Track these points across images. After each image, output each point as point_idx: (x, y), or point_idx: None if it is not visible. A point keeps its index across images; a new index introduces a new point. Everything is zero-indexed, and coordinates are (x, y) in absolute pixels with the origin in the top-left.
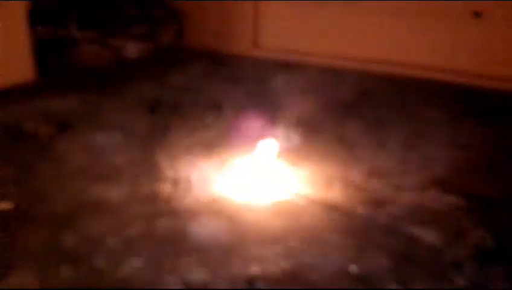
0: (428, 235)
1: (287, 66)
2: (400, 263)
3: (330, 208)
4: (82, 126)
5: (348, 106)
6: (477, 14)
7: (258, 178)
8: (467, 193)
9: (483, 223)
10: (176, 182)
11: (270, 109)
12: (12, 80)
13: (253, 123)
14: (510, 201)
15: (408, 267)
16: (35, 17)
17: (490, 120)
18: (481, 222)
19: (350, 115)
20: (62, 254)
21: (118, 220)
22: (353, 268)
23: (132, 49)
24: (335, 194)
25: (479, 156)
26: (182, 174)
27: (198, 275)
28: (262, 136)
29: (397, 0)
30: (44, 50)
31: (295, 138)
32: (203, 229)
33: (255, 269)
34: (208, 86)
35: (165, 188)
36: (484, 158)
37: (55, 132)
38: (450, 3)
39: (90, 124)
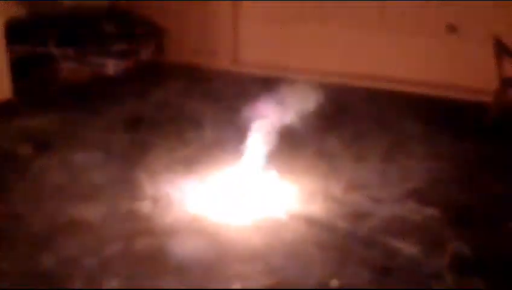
0: (408, 247)
1: (266, 81)
2: (380, 276)
3: (311, 222)
4: (61, 145)
5: (327, 120)
6: (451, 29)
7: (238, 194)
8: (445, 205)
9: (462, 234)
10: (155, 200)
11: (249, 124)
12: None
13: (232, 137)
14: (488, 212)
15: (388, 280)
16: (13, 35)
17: (467, 132)
18: (460, 233)
19: (329, 128)
20: (38, 276)
21: (96, 239)
22: (334, 283)
23: (112, 66)
24: (315, 208)
25: (457, 168)
26: (161, 192)
27: None
28: (241, 150)
29: (373, 16)
30: (22, 68)
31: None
32: (183, 247)
33: (236, 287)
34: (188, 102)
35: (145, 207)
36: (462, 170)
37: (33, 151)
38: (426, 18)
39: (69, 142)
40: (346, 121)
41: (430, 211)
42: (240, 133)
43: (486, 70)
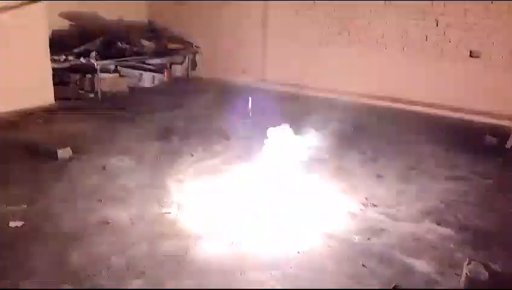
0: (422, 266)
1: (290, 99)
2: None
3: (328, 236)
4: (96, 150)
5: (346, 138)
6: (473, 54)
7: (260, 206)
8: (462, 225)
9: (479, 255)
10: (181, 206)
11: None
12: (34, 103)
13: (257, 151)
14: (503, 233)
15: None
16: (57, 45)
17: (486, 155)
18: (476, 254)
19: (349, 146)
20: (66, 273)
21: (123, 240)
22: None
23: (148, 79)
24: (333, 222)
25: (475, 189)
26: (187, 199)
27: None
28: (264, 163)
29: (396, 40)
30: (65, 77)
31: (293, 167)
32: (205, 252)
33: None
34: (216, 115)
35: (171, 211)
36: (480, 191)
37: (70, 154)
38: (448, 43)
39: (104, 148)
40: (366, 139)
41: (447, 231)
42: (264, 146)
43: (506, 94)
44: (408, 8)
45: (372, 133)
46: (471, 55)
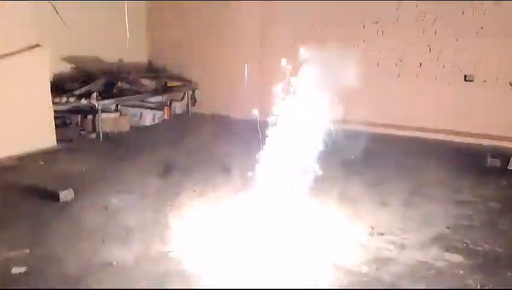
0: None
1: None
2: None
3: (335, 266)
4: (98, 189)
5: (351, 164)
6: (468, 79)
7: (265, 237)
8: (470, 251)
9: (488, 280)
10: (184, 243)
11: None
12: (35, 146)
13: (258, 183)
14: None
15: None
16: (59, 88)
17: (489, 177)
18: (485, 280)
19: (354, 172)
20: None
21: (127, 281)
22: None
23: (148, 117)
24: (340, 251)
25: (481, 213)
26: (190, 235)
27: None
28: (267, 195)
29: (393, 66)
30: (66, 118)
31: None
32: None
33: None
34: (216, 149)
35: (175, 249)
36: (486, 214)
37: (72, 195)
38: (443, 68)
39: (106, 187)
40: (370, 165)
41: (455, 257)
42: (266, 179)
43: (504, 116)
44: (401, 35)
45: (374, 159)
46: (465, 79)
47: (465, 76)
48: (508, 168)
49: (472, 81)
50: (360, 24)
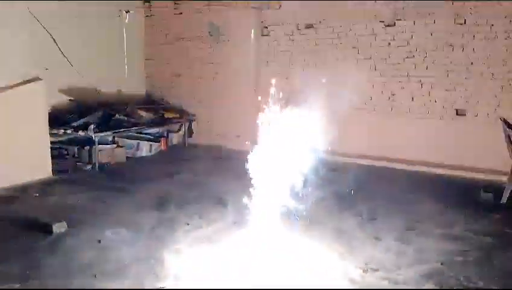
0: None
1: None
2: None
3: None
4: (92, 222)
5: (344, 197)
6: (460, 113)
7: (258, 273)
8: (463, 287)
9: None
10: (178, 279)
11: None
12: (31, 178)
13: (252, 216)
14: None
15: None
16: (56, 120)
17: (482, 211)
18: None
19: (346, 206)
20: None
21: None
22: None
23: (145, 149)
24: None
25: (475, 248)
26: (184, 271)
27: None
28: (261, 229)
29: (385, 102)
30: (63, 150)
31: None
32: None
33: None
34: (212, 182)
35: (168, 285)
36: (480, 250)
37: (65, 228)
38: (435, 103)
39: (100, 220)
40: (363, 199)
41: None
42: (259, 211)
43: (496, 150)
44: (392, 70)
45: (368, 193)
46: (457, 113)
47: (456, 110)
48: (501, 202)
49: (464, 115)
50: (354, 59)
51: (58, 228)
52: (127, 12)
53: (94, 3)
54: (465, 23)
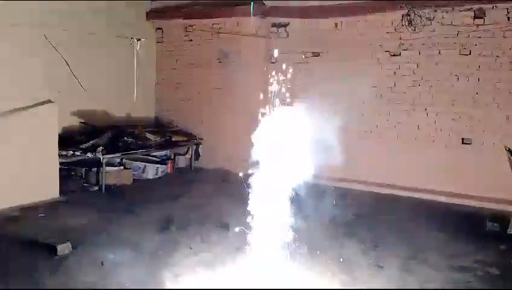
0: None
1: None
2: None
3: None
4: (96, 244)
5: (347, 225)
6: (466, 142)
7: None
8: None
9: None
10: None
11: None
12: (38, 198)
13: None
14: None
15: None
16: (66, 142)
17: (487, 240)
18: None
19: (349, 233)
20: None
21: None
22: None
23: (151, 171)
24: None
25: (477, 279)
26: None
27: None
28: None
29: (390, 129)
30: (71, 171)
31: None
32: None
33: None
34: (216, 205)
35: None
36: (482, 281)
37: (69, 249)
38: (440, 132)
39: (104, 241)
40: (366, 226)
41: None
42: (262, 237)
43: (503, 180)
44: (398, 99)
45: (372, 220)
46: (463, 142)
47: (462, 139)
48: (508, 232)
49: (470, 144)
50: (360, 88)
51: (63, 249)
52: (138, 40)
53: (107, 31)
54: (470, 54)
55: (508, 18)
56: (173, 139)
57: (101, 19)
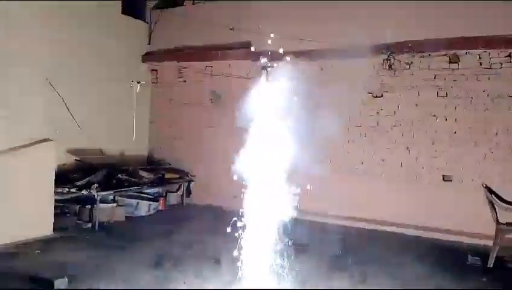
0: None
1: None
2: None
3: None
4: (90, 279)
5: (333, 260)
6: (447, 179)
7: None
8: None
9: None
10: None
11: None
12: (33, 233)
13: (247, 276)
14: None
15: None
16: (61, 179)
17: (468, 274)
18: None
19: (336, 269)
20: None
21: None
22: None
23: (144, 208)
24: None
25: None
26: None
27: None
28: None
29: (376, 167)
30: (66, 208)
31: None
32: None
33: None
34: (209, 241)
35: None
36: None
37: (66, 284)
38: (422, 169)
39: (98, 277)
40: (352, 262)
41: None
42: (253, 271)
43: (483, 215)
44: (381, 138)
45: (357, 255)
46: (444, 179)
47: (443, 176)
48: (488, 265)
49: (451, 181)
50: (345, 127)
51: (60, 284)
52: (138, 83)
53: (106, 72)
54: (447, 96)
55: (480, 63)
56: (166, 177)
57: (100, 59)
